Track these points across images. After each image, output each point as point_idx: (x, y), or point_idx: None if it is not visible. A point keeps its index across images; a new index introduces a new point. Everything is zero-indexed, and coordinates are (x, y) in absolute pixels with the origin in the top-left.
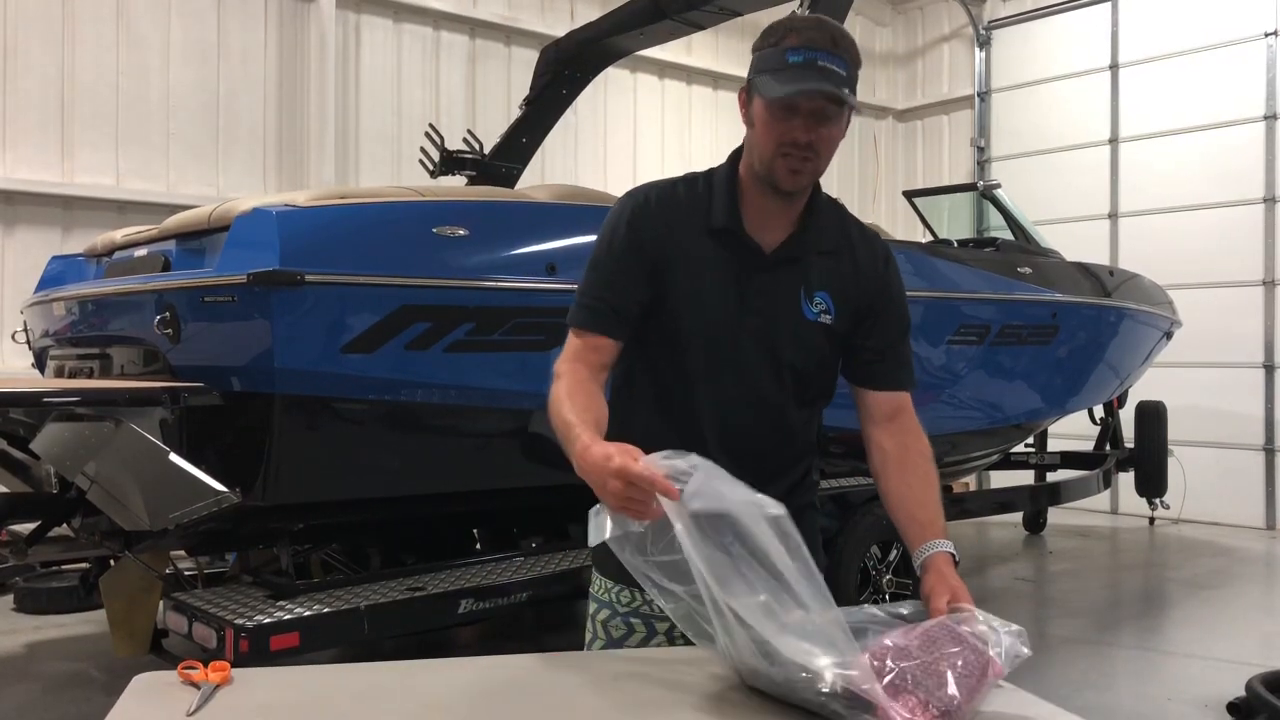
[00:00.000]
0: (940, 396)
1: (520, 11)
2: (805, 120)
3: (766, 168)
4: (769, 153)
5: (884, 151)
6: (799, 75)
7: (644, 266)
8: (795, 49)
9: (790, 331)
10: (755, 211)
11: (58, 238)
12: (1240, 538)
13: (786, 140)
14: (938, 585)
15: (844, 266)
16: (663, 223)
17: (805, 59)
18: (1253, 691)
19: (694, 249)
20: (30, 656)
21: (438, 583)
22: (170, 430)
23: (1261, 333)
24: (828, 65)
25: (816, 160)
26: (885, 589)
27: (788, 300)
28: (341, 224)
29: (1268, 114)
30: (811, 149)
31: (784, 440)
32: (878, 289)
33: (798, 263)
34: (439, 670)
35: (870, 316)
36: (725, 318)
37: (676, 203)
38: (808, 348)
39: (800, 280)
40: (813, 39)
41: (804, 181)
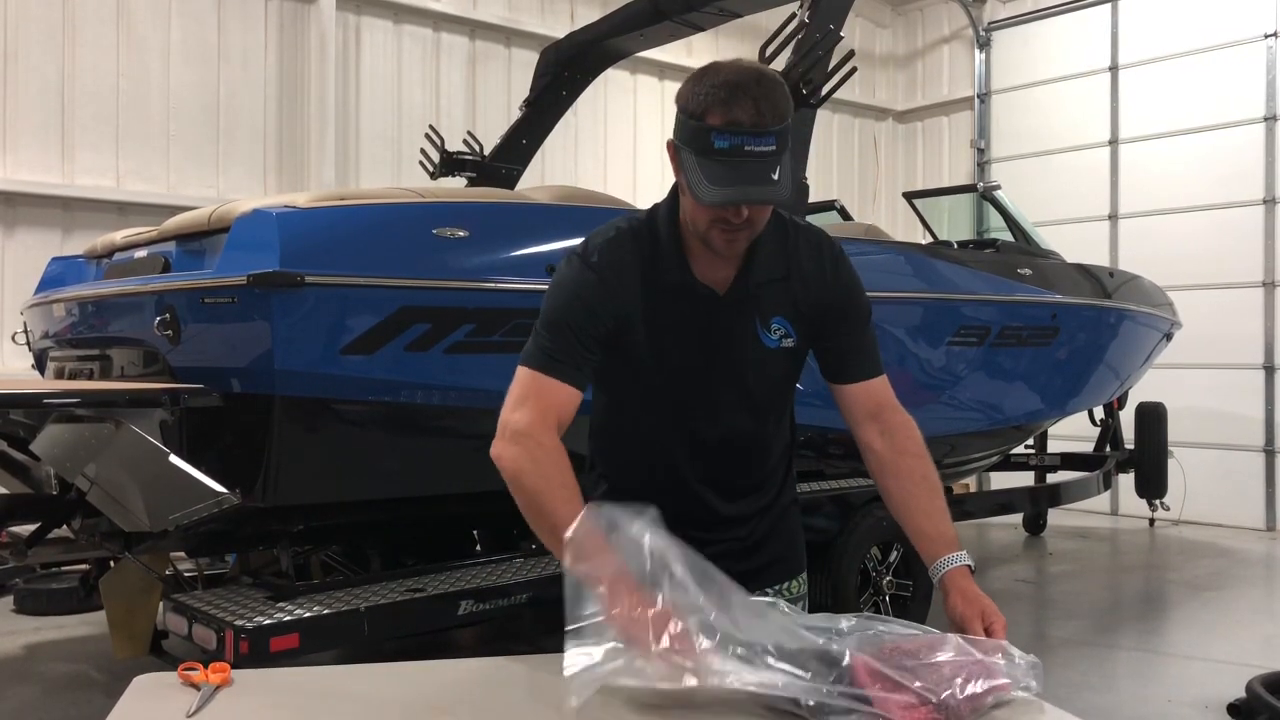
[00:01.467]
0: (940, 398)
1: (520, 13)
2: (736, 206)
3: (702, 236)
4: (702, 227)
5: (884, 153)
6: (728, 173)
7: (600, 336)
8: (720, 132)
9: (754, 364)
10: (703, 258)
11: (58, 239)
12: (1240, 539)
13: (719, 219)
14: (968, 610)
15: (794, 287)
16: (616, 293)
17: (731, 145)
18: (1253, 693)
19: (651, 306)
20: (30, 658)
21: (438, 584)
22: (170, 432)
23: (1261, 334)
24: (754, 149)
25: (752, 228)
26: (885, 590)
27: (746, 334)
28: (341, 225)
29: (1268, 115)
30: (746, 223)
31: (761, 459)
32: (832, 294)
33: (749, 298)
34: (439, 671)
35: (831, 320)
36: (691, 365)
37: (625, 264)
38: (773, 376)
39: (754, 313)
40: (737, 120)
41: (740, 248)
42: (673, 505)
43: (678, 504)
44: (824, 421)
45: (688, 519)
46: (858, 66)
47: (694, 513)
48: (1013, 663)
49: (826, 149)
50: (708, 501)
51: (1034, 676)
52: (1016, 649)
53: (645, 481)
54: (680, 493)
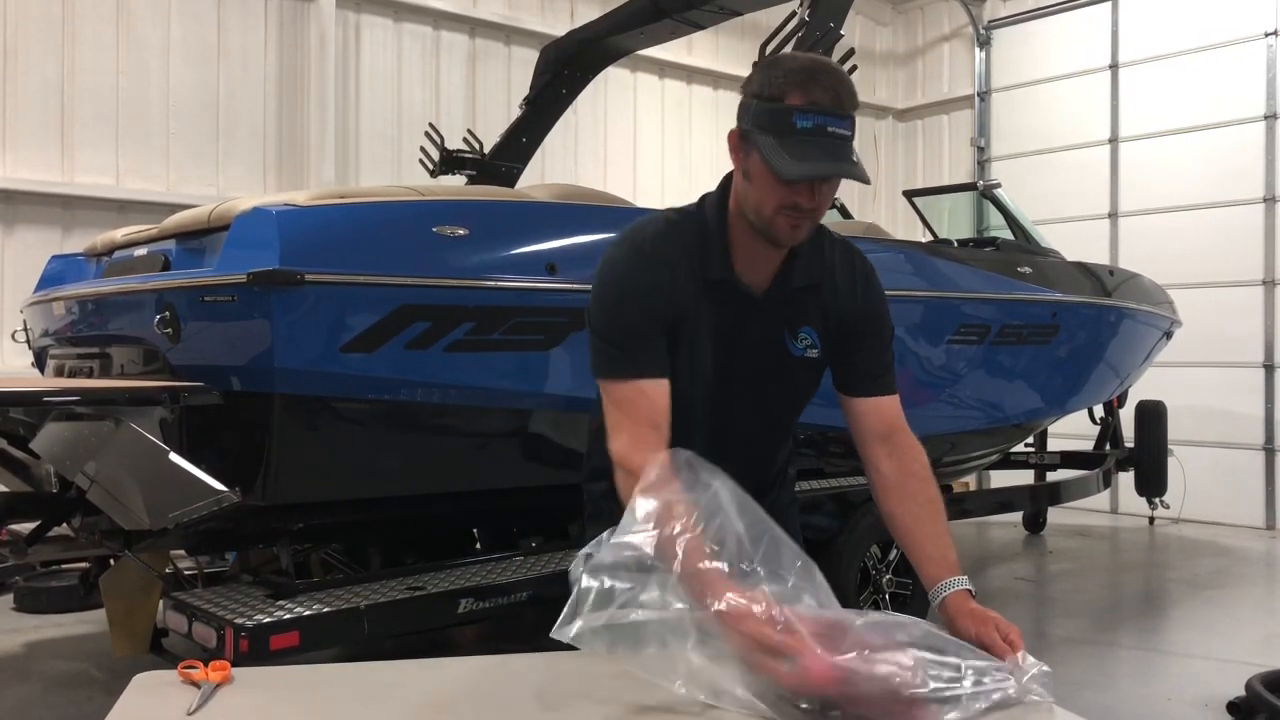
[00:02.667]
0: (940, 396)
1: (520, 11)
2: (810, 186)
3: (765, 223)
4: (769, 211)
5: (884, 151)
6: (811, 150)
7: (660, 325)
8: (803, 112)
9: (778, 371)
10: (745, 254)
11: (58, 237)
12: (1240, 538)
13: (789, 204)
14: (983, 629)
15: (825, 297)
16: (670, 287)
17: (815, 125)
18: (1253, 691)
19: (693, 303)
20: (30, 656)
21: (438, 582)
22: (170, 430)
23: (1261, 332)
24: (837, 131)
25: (816, 215)
26: (885, 589)
27: (775, 340)
28: (341, 223)
29: (1268, 114)
30: (814, 209)
31: (767, 466)
32: (860, 312)
33: (785, 302)
34: (439, 670)
35: (855, 337)
36: (721, 365)
37: (677, 258)
38: (794, 384)
39: (785, 319)
40: (818, 100)
41: (803, 235)
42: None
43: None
44: (824, 420)
45: None
46: (858, 65)
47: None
48: (1024, 672)
49: None
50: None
51: (1045, 685)
52: (1030, 657)
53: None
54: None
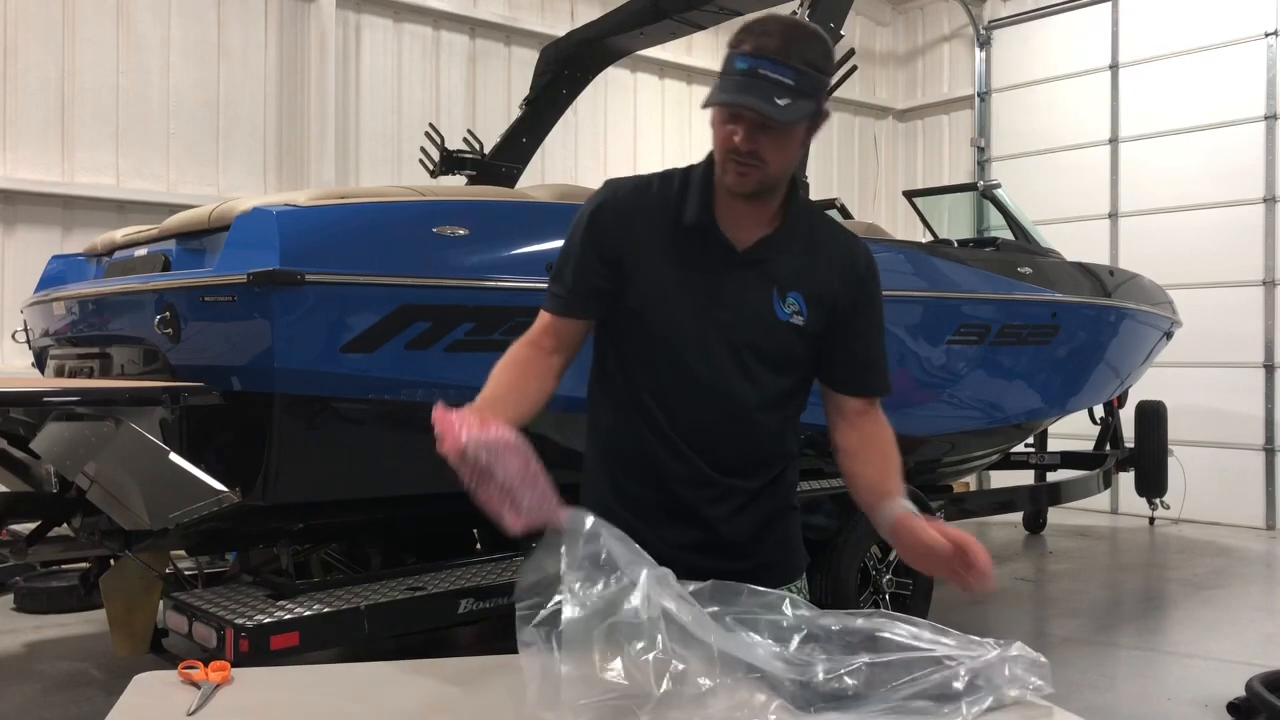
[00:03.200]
0: (940, 396)
1: (520, 11)
2: (747, 129)
3: (720, 170)
4: (719, 157)
5: (884, 151)
6: (736, 85)
7: (602, 258)
8: (744, 55)
9: (762, 330)
10: (729, 210)
11: (58, 237)
12: (1240, 538)
13: (729, 146)
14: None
15: (818, 268)
16: (628, 218)
17: (749, 67)
18: (1253, 691)
19: (660, 245)
20: (30, 656)
21: (438, 582)
22: (170, 430)
23: (1261, 333)
24: (769, 75)
25: (764, 167)
26: (885, 588)
27: (760, 299)
28: (342, 224)
29: (1268, 114)
30: (755, 156)
31: (750, 441)
32: (853, 291)
33: (769, 262)
34: (439, 670)
35: (843, 319)
36: (693, 314)
37: (648, 198)
38: (779, 348)
39: (772, 280)
40: (762, 45)
41: (749, 186)
42: (661, 465)
43: (666, 464)
44: (824, 421)
45: (676, 478)
46: (858, 65)
47: (682, 473)
48: (1020, 663)
49: (827, 147)
50: (697, 466)
51: (1043, 677)
52: (1027, 648)
53: (636, 439)
54: (670, 451)
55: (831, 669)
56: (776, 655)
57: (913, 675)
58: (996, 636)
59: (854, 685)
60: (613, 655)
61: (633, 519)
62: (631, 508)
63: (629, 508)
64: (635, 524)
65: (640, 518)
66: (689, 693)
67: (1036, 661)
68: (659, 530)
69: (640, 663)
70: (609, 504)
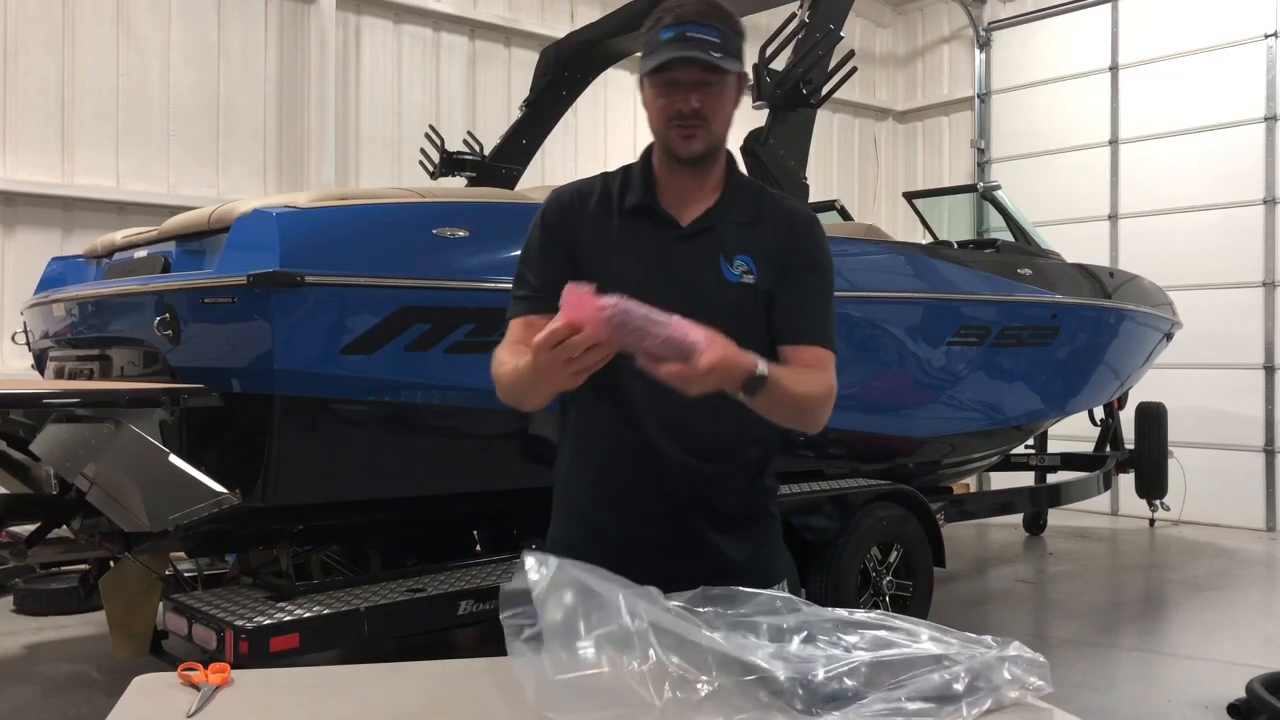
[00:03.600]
0: (940, 398)
1: (520, 13)
2: (686, 91)
3: (664, 141)
4: (661, 127)
5: (884, 153)
6: (669, 48)
7: (564, 254)
8: (667, 26)
9: (715, 296)
10: (672, 190)
11: (58, 239)
12: (1240, 539)
13: (671, 112)
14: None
15: (763, 232)
16: (576, 215)
17: (675, 33)
18: (1253, 693)
19: (608, 233)
20: (30, 658)
21: (438, 584)
22: (170, 431)
23: (1261, 334)
24: (696, 35)
25: (708, 126)
26: (885, 590)
27: (708, 266)
28: (342, 225)
29: (1268, 115)
30: (698, 116)
31: (723, 419)
32: (798, 245)
33: (715, 231)
34: (439, 670)
35: (790, 272)
36: (648, 290)
37: (591, 195)
38: (734, 311)
39: (719, 247)
40: (681, 14)
41: (698, 147)
42: (636, 453)
43: (641, 452)
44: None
45: (651, 467)
46: (858, 66)
47: (656, 460)
48: (1019, 663)
49: (827, 149)
50: (670, 452)
51: (1042, 676)
52: (1025, 648)
53: (606, 431)
54: (643, 439)
55: (831, 669)
56: (775, 655)
57: (913, 675)
58: (996, 638)
59: (854, 685)
60: (607, 663)
61: (612, 525)
62: (610, 508)
63: (608, 509)
64: (615, 530)
65: (620, 521)
66: (688, 695)
67: (1035, 661)
68: (640, 533)
69: (636, 672)
70: (586, 511)
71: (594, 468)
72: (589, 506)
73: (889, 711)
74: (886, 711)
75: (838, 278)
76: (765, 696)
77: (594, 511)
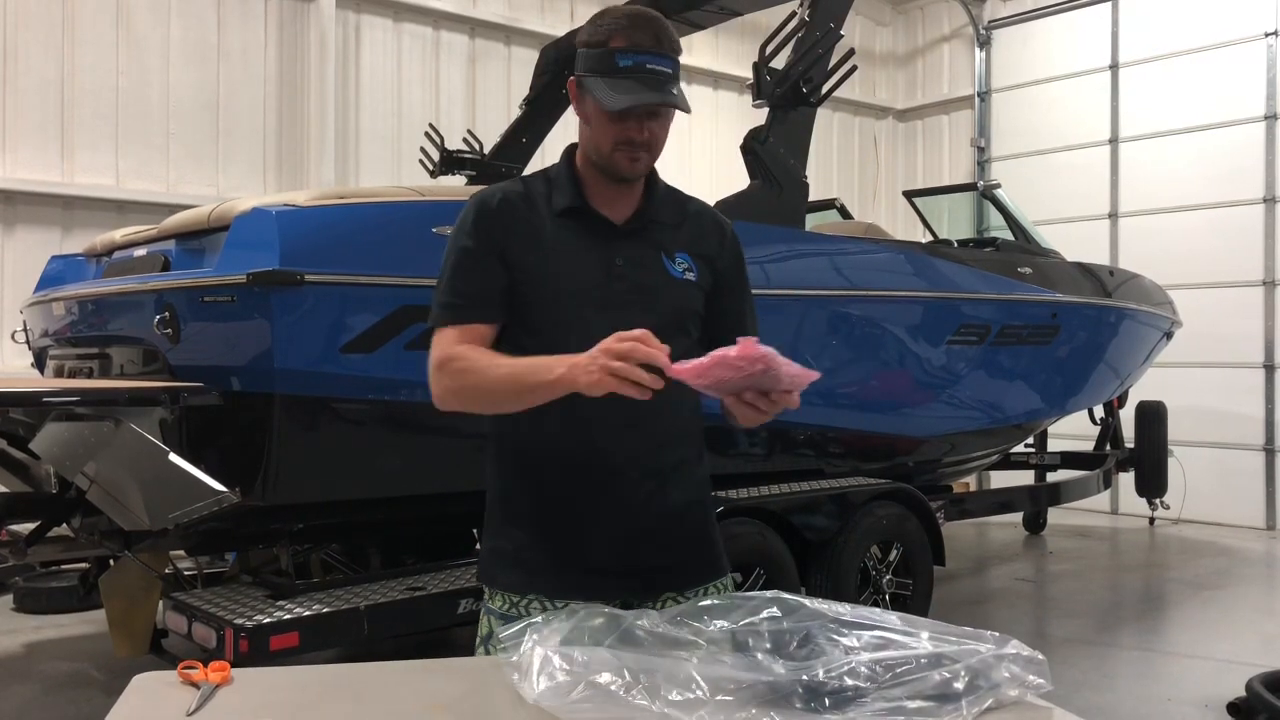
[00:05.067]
0: (940, 396)
1: (520, 11)
2: (640, 121)
3: (606, 161)
4: (606, 148)
5: (884, 151)
6: (631, 85)
7: (496, 258)
8: (623, 51)
9: (663, 291)
10: (599, 193)
11: (57, 238)
12: (1240, 538)
13: (623, 139)
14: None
15: (691, 232)
16: (507, 218)
17: (635, 63)
18: (1253, 692)
19: (544, 233)
20: (30, 656)
21: (437, 582)
22: (170, 430)
23: (1261, 333)
24: (656, 68)
25: (652, 150)
26: (885, 589)
27: (652, 263)
28: (341, 224)
29: (1268, 114)
30: (647, 144)
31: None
32: (726, 251)
33: (649, 231)
34: (438, 670)
35: (720, 278)
36: (591, 286)
37: (519, 196)
38: (681, 305)
39: (658, 246)
40: (638, 41)
41: (642, 168)
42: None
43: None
44: (824, 420)
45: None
46: (858, 65)
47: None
48: (1018, 661)
49: (826, 148)
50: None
51: (1042, 674)
52: (1024, 645)
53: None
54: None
55: (831, 669)
56: (775, 655)
57: (913, 675)
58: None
59: (854, 685)
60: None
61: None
62: (558, 513)
63: (556, 514)
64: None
65: (569, 524)
66: (689, 695)
67: (1035, 659)
68: (590, 534)
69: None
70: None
71: (540, 472)
72: (536, 513)
73: (889, 710)
74: (887, 710)
75: (838, 276)
76: (766, 696)
77: (542, 517)
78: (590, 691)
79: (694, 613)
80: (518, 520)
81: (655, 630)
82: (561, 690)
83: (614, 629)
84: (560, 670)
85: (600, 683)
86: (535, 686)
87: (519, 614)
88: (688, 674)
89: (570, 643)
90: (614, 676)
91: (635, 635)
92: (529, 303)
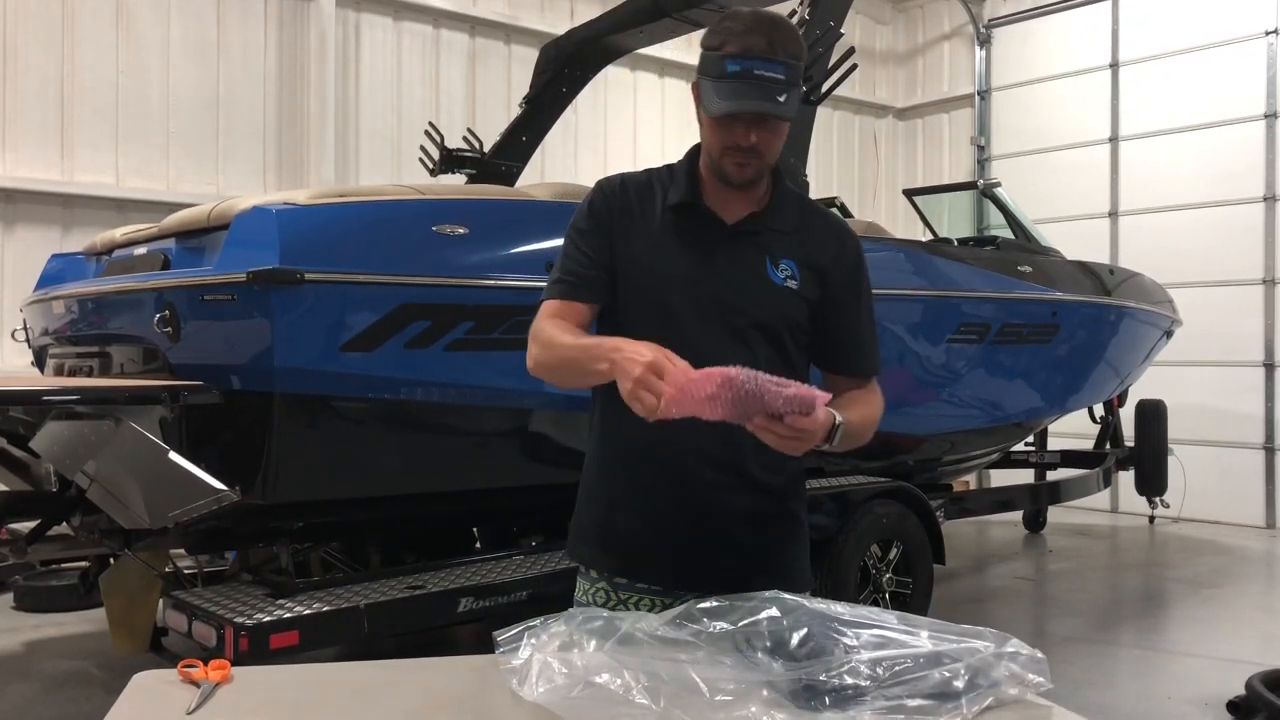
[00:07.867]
0: (940, 395)
1: (520, 10)
2: (746, 126)
3: (716, 164)
4: (716, 153)
5: (884, 150)
6: (736, 90)
7: (606, 241)
8: (733, 58)
9: (758, 295)
10: (716, 192)
11: (57, 236)
12: (1240, 537)
13: (730, 144)
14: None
15: (807, 242)
16: (623, 203)
17: (742, 68)
18: (1252, 690)
19: (652, 226)
20: (30, 655)
21: (437, 581)
22: (170, 429)
23: (1261, 331)
24: (764, 74)
25: (761, 158)
26: (885, 587)
27: (753, 266)
28: (341, 222)
29: (1268, 112)
30: (754, 150)
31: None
32: (843, 267)
33: (760, 235)
34: (438, 669)
35: (834, 294)
36: (689, 286)
37: (639, 186)
38: (776, 312)
39: (764, 250)
40: (749, 46)
41: (750, 174)
42: (668, 448)
43: (672, 447)
44: None
45: (682, 464)
46: (858, 63)
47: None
48: (1018, 660)
49: (827, 146)
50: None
51: (1041, 673)
52: (1024, 644)
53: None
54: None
55: (831, 669)
56: (775, 655)
57: (912, 674)
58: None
59: (854, 684)
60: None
61: (641, 525)
62: (628, 503)
63: (638, 508)
64: (631, 526)
65: (650, 522)
66: (689, 695)
67: (1034, 657)
68: (668, 532)
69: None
70: (604, 502)
71: (616, 458)
72: (605, 499)
73: (889, 709)
74: (887, 709)
75: None
76: (766, 696)
77: (611, 504)
78: (590, 691)
79: (693, 614)
80: (593, 503)
81: (654, 633)
82: (560, 690)
83: (612, 632)
84: (560, 674)
85: (600, 683)
86: (535, 689)
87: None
88: (688, 674)
89: (569, 646)
90: (613, 677)
91: (635, 638)
92: (625, 286)
